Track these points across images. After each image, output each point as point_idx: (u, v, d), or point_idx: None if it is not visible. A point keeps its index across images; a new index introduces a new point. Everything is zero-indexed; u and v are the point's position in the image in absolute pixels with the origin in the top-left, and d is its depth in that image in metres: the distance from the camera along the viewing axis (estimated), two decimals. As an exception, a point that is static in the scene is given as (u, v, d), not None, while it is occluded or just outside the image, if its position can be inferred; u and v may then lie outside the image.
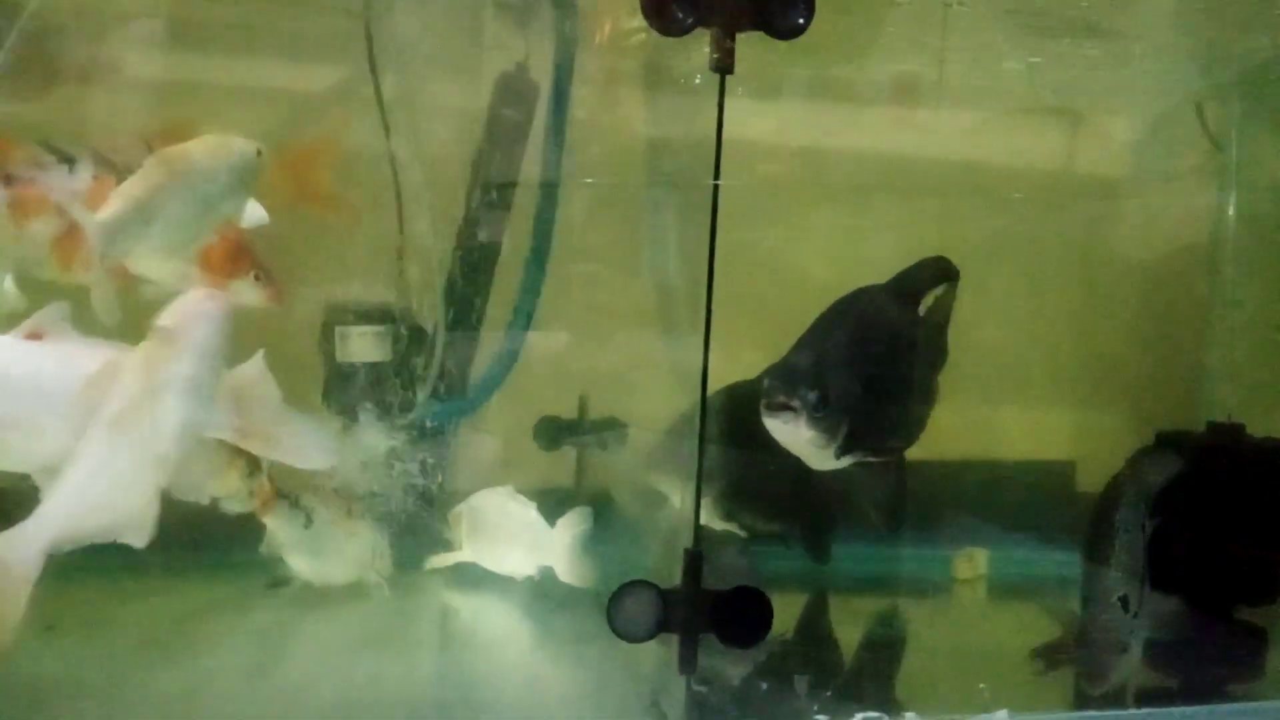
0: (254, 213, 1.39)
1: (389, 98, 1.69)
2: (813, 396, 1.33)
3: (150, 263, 1.35)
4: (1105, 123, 2.21)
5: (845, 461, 1.41)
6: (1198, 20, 1.84)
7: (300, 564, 1.57)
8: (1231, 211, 2.11)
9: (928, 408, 1.62)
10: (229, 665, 1.39)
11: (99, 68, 1.59)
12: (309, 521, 1.56)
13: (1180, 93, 2.13)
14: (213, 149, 1.33)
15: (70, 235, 1.32)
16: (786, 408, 1.32)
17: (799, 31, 1.17)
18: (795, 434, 1.34)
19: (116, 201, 1.25)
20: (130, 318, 1.25)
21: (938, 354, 1.67)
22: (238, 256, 1.43)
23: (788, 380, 1.35)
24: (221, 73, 1.72)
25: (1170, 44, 1.95)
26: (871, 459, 1.44)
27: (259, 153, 1.36)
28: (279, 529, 1.55)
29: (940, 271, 1.66)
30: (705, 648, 1.24)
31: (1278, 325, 2.05)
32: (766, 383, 1.36)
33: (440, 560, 1.64)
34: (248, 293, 1.44)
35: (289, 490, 1.55)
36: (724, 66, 1.18)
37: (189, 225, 1.32)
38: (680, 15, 1.15)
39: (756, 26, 1.17)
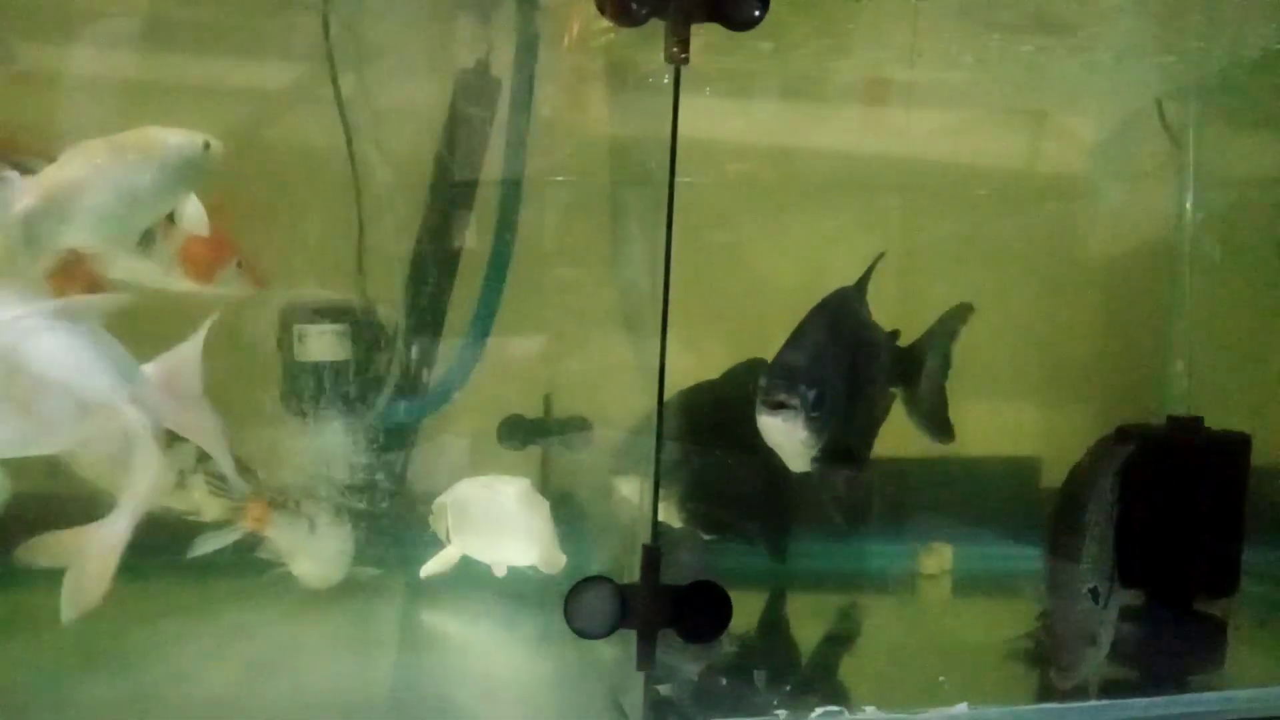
0: (194, 214, 1.34)
1: (348, 96, 1.68)
2: (812, 395, 1.33)
3: (120, 264, 1.32)
4: (1069, 122, 2.24)
5: (813, 467, 1.42)
6: (1157, 20, 1.86)
7: (304, 568, 1.57)
8: (1189, 208, 2.13)
9: (878, 423, 1.64)
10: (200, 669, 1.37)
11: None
12: (313, 526, 1.56)
13: (1142, 92, 2.15)
14: (141, 142, 1.28)
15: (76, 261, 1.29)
16: (786, 406, 1.32)
17: (754, 23, 1.16)
18: (791, 434, 1.34)
19: (29, 193, 1.20)
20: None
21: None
22: (218, 248, 1.42)
23: (788, 378, 1.34)
24: (179, 71, 1.70)
25: (1131, 44, 1.96)
26: (836, 465, 1.46)
27: (206, 146, 1.32)
28: (281, 537, 1.55)
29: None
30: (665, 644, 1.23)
31: (1235, 320, 2.08)
32: (765, 381, 1.35)
33: (435, 565, 1.60)
34: (233, 282, 1.43)
35: (285, 498, 1.55)
36: (679, 58, 1.17)
37: (117, 219, 1.27)
38: (635, 6, 1.14)
39: (711, 18, 1.16)
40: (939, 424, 1.70)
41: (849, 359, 1.45)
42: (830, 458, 1.42)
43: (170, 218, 1.35)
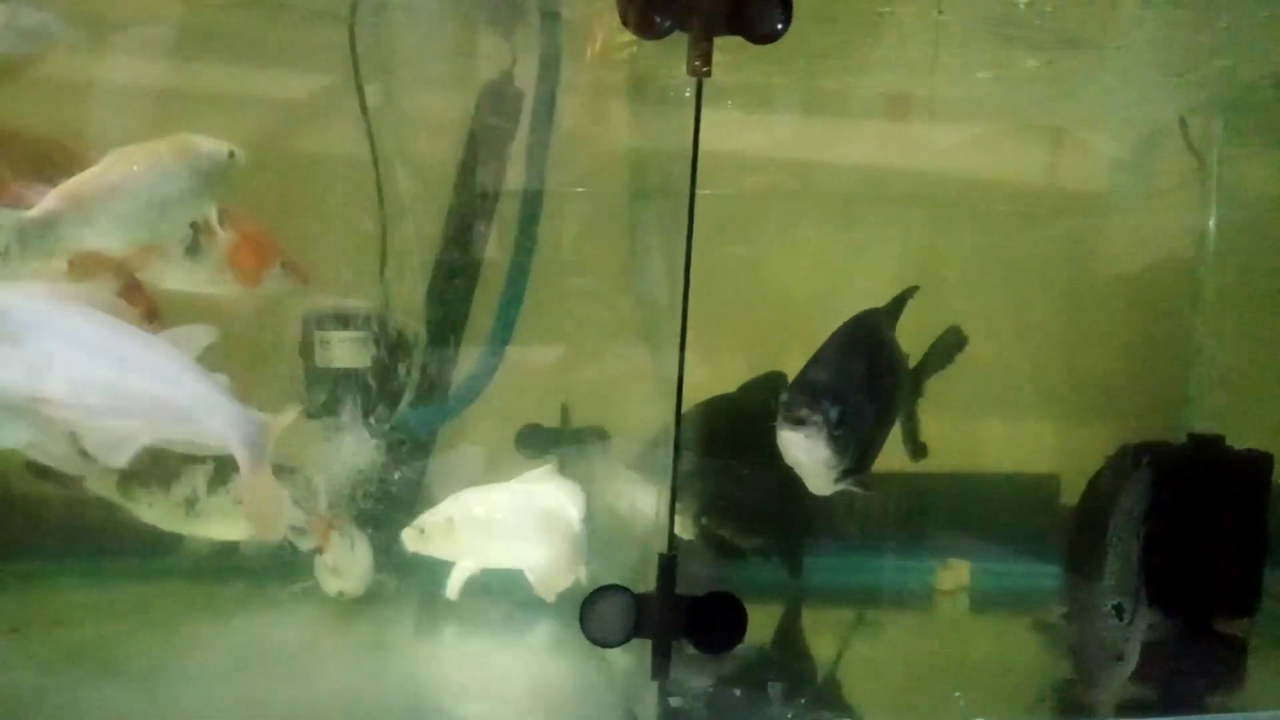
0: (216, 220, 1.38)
1: (374, 106, 1.70)
2: (835, 412, 1.29)
3: (171, 272, 1.37)
4: (1090, 138, 2.23)
5: (837, 488, 1.38)
6: (1180, 36, 1.86)
7: (337, 583, 1.58)
8: (1212, 226, 2.12)
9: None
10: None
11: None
12: (354, 544, 1.58)
13: (1165, 108, 2.14)
14: (173, 149, 1.31)
15: (128, 294, 1.33)
16: (808, 422, 1.28)
17: (776, 36, 1.17)
18: (812, 451, 1.30)
19: (53, 198, 1.22)
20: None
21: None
22: (264, 251, 1.45)
23: (811, 394, 1.31)
24: (206, 81, 1.73)
25: (1153, 60, 1.96)
26: (856, 490, 1.41)
27: (231, 155, 1.35)
28: (333, 558, 1.56)
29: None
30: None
31: (1257, 338, 2.06)
32: (788, 396, 1.31)
33: (459, 581, 1.57)
34: (279, 282, 1.46)
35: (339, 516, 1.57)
36: (701, 71, 1.18)
37: (145, 225, 1.30)
38: (657, 19, 1.15)
39: (734, 31, 1.17)
40: (915, 445, 1.68)
41: (873, 381, 1.42)
42: (854, 482, 1.39)
43: (211, 224, 1.39)
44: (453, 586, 1.57)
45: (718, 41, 1.19)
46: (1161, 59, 1.95)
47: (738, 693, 1.35)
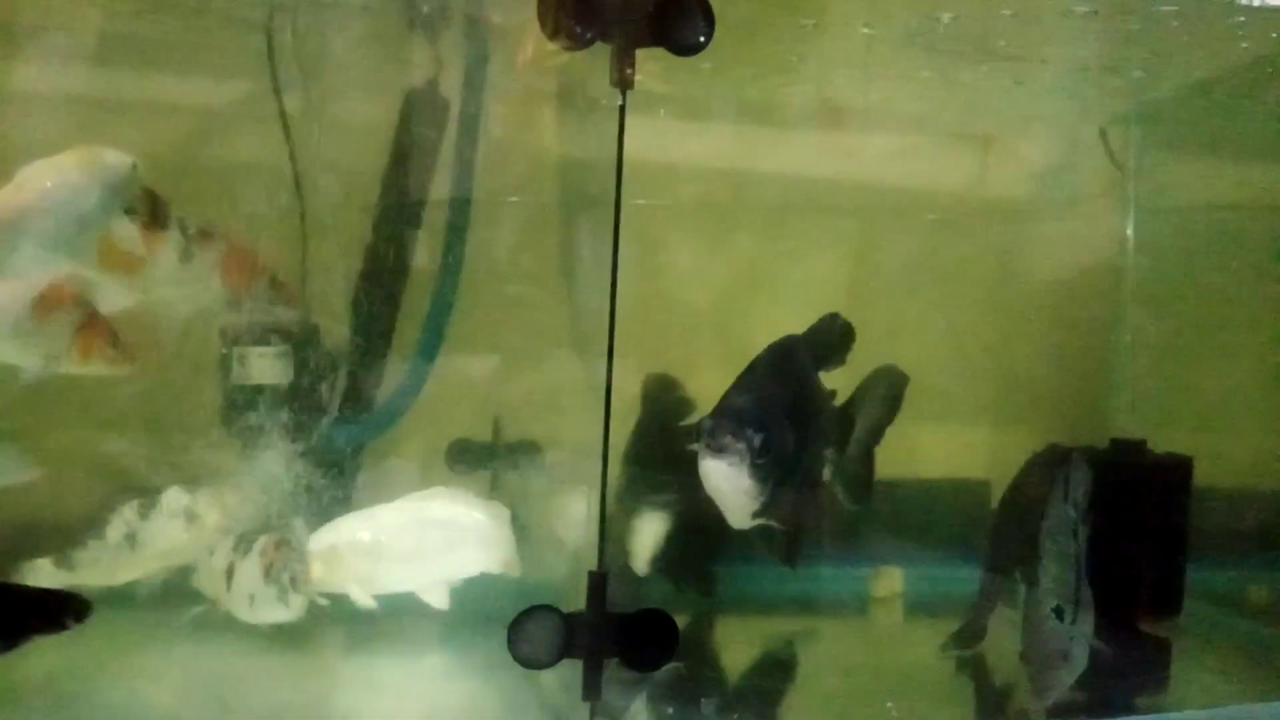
0: (126, 232, 1.36)
1: (294, 113, 1.66)
2: (758, 440, 1.24)
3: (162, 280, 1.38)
4: (1016, 147, 2.27)
5: (754, 523, 1.33)
6: (1098, 49, 1.90)
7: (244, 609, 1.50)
8: (1131, 234, 2.17)
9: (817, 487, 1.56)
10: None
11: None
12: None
13: (1086, 119, 2.19)
14: (80, 163, 1.29)
15: (91, 325, 1.33)
16: (730, 450, 1.23)
17: (699, 48, 1.16)
18: (734, 480, 1.24)
19: None
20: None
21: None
22: (252, 264, 1.48)
23: (735, 419, 1.25)
24: (120, 88, 1.67)
25: (1073, 72, 2.00)
26: (775, 526, 1.37)
27: (134, 166, 1.32)
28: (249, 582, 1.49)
29: (845, 334, 1.58)
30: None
31: (1176, 345, 2.12)
32: (709, 422, 1.25)
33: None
34: (268, 295, 1.49)
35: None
36: (624, 82, 1.17)
37: (66, 243, 1.27)
38: (579, 29, 1.14)
39: (656, 42, 1.16)
40: (860, 491, 1.64)
41: (795, 411, 1.37)
42: (772, 517, 1.33)
43: (205, 233, 1.42)
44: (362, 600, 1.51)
45: (651, 52, 1.18)
46: (1081, 71, 1.99)
47: (670, 711, 1.33)
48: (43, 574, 1.45)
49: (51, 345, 1.34)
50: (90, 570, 1.46)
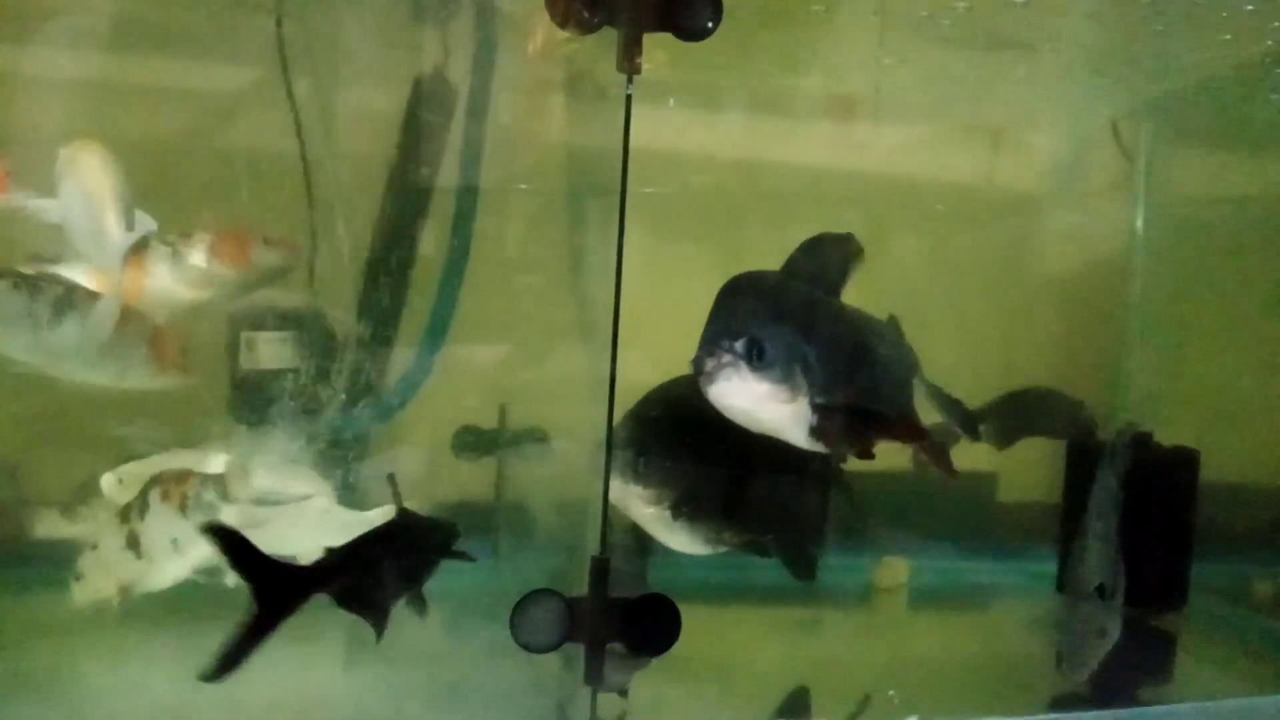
0: (144, 223, 1.38)
1: (302, 100, 1.66)
2: (740, 345, 1.17)
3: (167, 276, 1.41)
4: (1026, 140, 2.26)
5: (819, 443, 1.25)
6: (1111, 42, 1.89)
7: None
8: (1140, 227, 2.16)
9: (908, 401, 1.45)
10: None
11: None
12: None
13: (1098, 112, 2.18)
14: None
15: (161, 336, 1.38)
16: (718, 369, 1.16)
17: (706, 34, 1.16)
18: (742, 393, 1.17)
19: None
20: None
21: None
22: (238, 238, 1.49)
23: (710, 343, 1.18)
24: (130, 72, 1.67)
25: (1086, 64, 1.99)
26: (878, 438, 1.30)
27: None
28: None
29: (846, 252, 1.43)
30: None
31: (1184, 338, 2.11)
32: (693, 361, 1.19)
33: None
34: (268, 256, 1.51)
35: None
36: (630, 68, 1.16)
37: None
38: (586, 14, 1.13)
39: (663, 27, 1.16)
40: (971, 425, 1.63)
41: (803, 323, 1.25)
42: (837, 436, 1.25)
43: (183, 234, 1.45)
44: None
45: (660, 39, 1.18)
46: (1094, 63, 1.98)
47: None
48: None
49: (129, 358, 1.36)
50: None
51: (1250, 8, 1.64)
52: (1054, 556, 1.86)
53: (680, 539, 1.38)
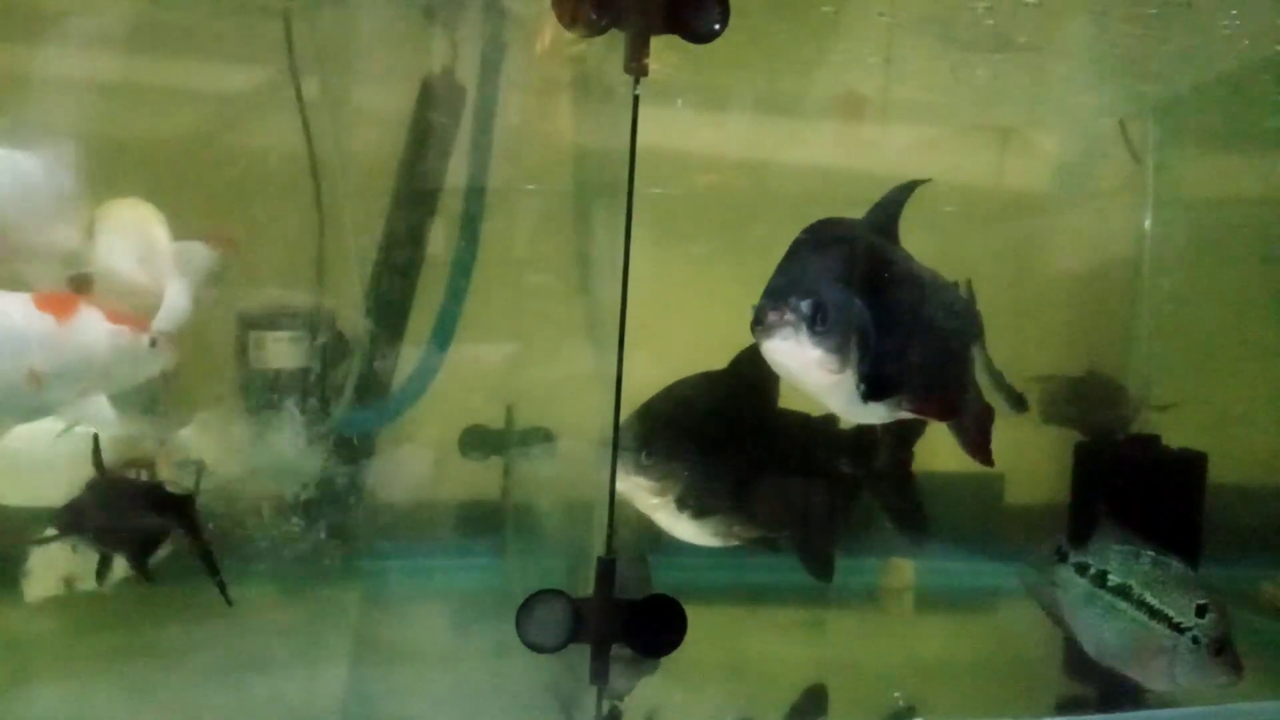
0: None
1: (311, 100, 1.67)
2: (806, 305, 1.13)
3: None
4: (1035, 140, 2.25)
5: (881, 412, 1.23)
6: (1119, 42, 1.88)
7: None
8: (1148, 227, 2.15)
9: (964, 372, 1.42)
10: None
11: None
12: None
13: (1106, 113, 2.17)
14: None
15: None
16: (780, 325, 1.13)
17: (713, 36, 1.16)
18: (799, 354, 1.14)
19: None
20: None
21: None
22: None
23: (775, 296, 1.15)
24: (141, 74, 1.68)
25: (1093, 64, 1.99)
26: (909, 412, 1.26)
27: None
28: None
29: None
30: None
31: (1192, 338, 2.10)
32: (755, 307, 1.16)
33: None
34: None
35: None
36: (638, 69, 1.17)
37: None
38: (593, 17, 1.14)
39: (670, 29, 1.16)
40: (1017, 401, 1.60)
41: (876, 287, 1.23)
42: (901, 401, 1.21)
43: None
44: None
45: (669, 40, 1.18)
46: (1101, 64, 1.97)
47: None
48: None
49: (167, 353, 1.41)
50: None
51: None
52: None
53: (687, 530, 1.38)
